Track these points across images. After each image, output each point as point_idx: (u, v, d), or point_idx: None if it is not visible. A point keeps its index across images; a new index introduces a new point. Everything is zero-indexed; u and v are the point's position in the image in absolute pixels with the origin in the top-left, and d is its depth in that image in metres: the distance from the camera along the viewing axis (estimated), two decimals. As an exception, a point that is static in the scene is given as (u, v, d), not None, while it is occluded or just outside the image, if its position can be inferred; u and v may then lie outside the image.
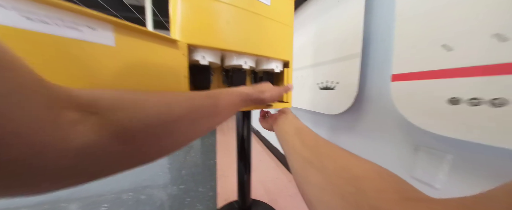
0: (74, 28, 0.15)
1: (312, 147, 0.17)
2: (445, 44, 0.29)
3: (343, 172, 0.13)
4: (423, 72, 0.32)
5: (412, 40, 0.34)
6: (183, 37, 0.28)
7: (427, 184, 0.35)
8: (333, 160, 0.15)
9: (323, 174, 0.14)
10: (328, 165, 0.14)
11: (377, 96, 0.44)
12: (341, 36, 0.51)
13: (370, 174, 0.12)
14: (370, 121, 0.47)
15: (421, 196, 0.10)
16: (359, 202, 0.10)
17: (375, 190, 0.11)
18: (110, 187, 0.82)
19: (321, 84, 0.59)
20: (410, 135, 0.38)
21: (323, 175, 0.14)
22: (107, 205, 0.70)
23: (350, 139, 0.54)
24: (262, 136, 1.44)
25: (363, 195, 0.11)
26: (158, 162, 1.09)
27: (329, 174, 0.13)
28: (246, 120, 0.48)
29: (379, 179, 0.12)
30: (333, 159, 0.15)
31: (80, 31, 0.16)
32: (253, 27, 0.35)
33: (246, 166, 0.51)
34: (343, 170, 0.13)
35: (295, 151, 0.19)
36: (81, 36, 0.16)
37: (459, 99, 0.27)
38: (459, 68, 0.28)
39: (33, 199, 0.73)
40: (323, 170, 0.14)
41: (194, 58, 0.30)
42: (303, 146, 0.18)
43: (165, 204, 0.70)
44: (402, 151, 0.39)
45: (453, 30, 0.28)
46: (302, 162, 0.17)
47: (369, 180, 0.12)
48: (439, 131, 0.30)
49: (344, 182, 0.12)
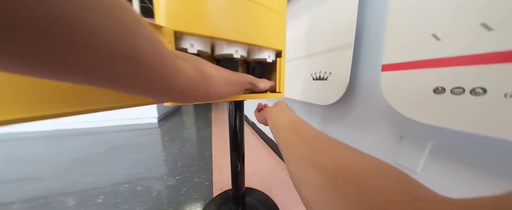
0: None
1: (309, 143, 0.16)
2: (434, 33, 0.29)
3: (343, 170, 0.12)
4: (411, 62, 0.32)
5: (403, 30, 0.34)
6: (168, 23, 0.26)
7: (408, 169, 0.38)
8: (332, 156, 0.14)
9: (321, 172, 0.13)
10: (326, 163, 0.13)
11: (367, 86, 0.45)
12: (335, 26, 0.50)
13: (373, 171, 0.11)
14: (360, 111, 0.48)
15: (431, 195, 0.09)
16: (362, 205, 0.09)
17: (380, 191, 0.10)
18: (105, 179, 0.82)
19: (314, 75, 0.59)
20: (397, 124, 0.39)
21: (322, 174, 0.13)
22: (103, 197, 0.70)
23: (340, 129, 0.55)
24: (257, 127, 1.46)
25: (367, 198, 0.10)
26: (152, 154, 1.09)
27: (328, 173, 0.12)
28: (238, 112, 0.48)
29: (384, 178, 0.10)
30: (330, 154, 0.14)
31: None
32: (245, 14, 0.33)
33: (239, 156, 0.52)
34: (343, 168, 0.12)
35: (290, 147, 0.18)
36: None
37: (444, 88, 0.28)
38: (446, 57, 0.28)
39: (28, 193, 0.73)
40: (321, 168, 0.13)
41: (182, 46, 0.29)
42: (300, 141, 0.17)
43: (161, 194, 0.72)
44: (388, 140, 0.41)
45: (442, 20, 0.28)
46: (298, 160, 0.15)
47: (372, 179, 0.10)
48: (423, 120, 0.31)
49: (345, 182, 0.11)
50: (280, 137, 0.21)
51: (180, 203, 0.67)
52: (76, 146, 1.26)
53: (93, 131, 1.60)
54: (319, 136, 0.17)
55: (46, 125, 1.67)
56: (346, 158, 0.13)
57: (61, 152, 1.14)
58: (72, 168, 0.93)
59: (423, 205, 0.08)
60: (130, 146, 1.25)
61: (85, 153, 1.12)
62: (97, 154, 1.11)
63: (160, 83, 0.14)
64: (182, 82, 0.16)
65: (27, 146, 1.28)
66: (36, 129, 1.64)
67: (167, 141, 1.35)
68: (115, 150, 1.16)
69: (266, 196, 0.69)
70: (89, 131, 1.61)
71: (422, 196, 0.09)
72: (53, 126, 1.68)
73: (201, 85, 0.19)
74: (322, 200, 0.11)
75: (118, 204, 0.66)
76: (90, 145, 1.27)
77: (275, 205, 0.64)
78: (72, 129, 1.69)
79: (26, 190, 0.74)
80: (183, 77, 0.16)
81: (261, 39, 0.37)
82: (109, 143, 1.31)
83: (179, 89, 0.16)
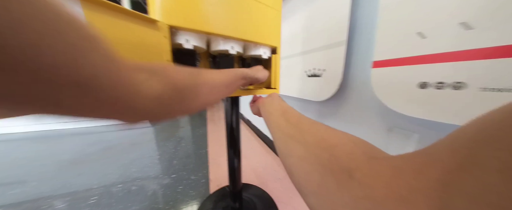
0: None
1: (296, 125, 0.19)
2: (420, 32, 0.31)
3: (321, 142, 0.14)
4: (399, 59, 0.34)
5: (392, 28, 0.35)
6: (164, 17, 0.26)
7: (397, 160, 0.40)
8: (313, 133, 0.16)
9: (304, 146, 0.15)
10: (308, 138, 0.15)
11: (359, 82, 0.47)
12: (329, 23, 0.51)
13: (344, 141, 0.13)
14: (352, 106, 0.50)
15: (384, 155, 0.11)
16: (332, 165, 0.12)
17: (346, 153, 0.12)
18: (98, 180, 0.80)
19: (309, 71, 0.61)
20: (385, 118, 0.41)
21: (304, 147, 0.15)
22: (96, 198, 0.68)
23: (334, 123, 0.57)
24: (253, 125, 1.47)
25: (336, 159, 0.12)
26: (147, 154, 1.07)
27: (309, 145, 0.15)
28: (235, 108, 0.48)
29: (351, 145, 0.13)
30: (313, 133, 0.16)
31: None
32: (241, 10, 0.34)
33: (236, 152, 0.52)
34: (321, 141, 0.14)
35: (279, 129, 0.20)
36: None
37: (427, 83, 0.30)
38: (430, 54, 0.30)
39: (12, 197, 0.69)
40: (304, 143, 0.15)
41: (177, 42, 0.29)
42: (287, 124, 0.20)
43: (157, 193, 0.71)
44: (377, 133, 0.43)
45: (428, 18, 0.30)
46: (285, 138, 0.18)
47: (342, 146, 0.13)
48: (409, 113, 0.33)
49: (321, 151, 0.13)
50: (271, 121, 0.23)
51: (177, 200, 0.67)
52: (65, 147, 1.21)
53: (83, 132, 1.54)
54: (305, 119, 0.19)
55: (31, 126, 1.59)
56: (324, 133, 0.15)
57: (49, 153, 1.10)
58: (61, 170, 0.90)
59: (376, 161, 0.11)
60: (123, 146, 1.22)
61: (75, 154, 1.08)
62: (88, 154, 1.07)
63: (117, 105, 0.12)
64: (145, 100, 0.13)
65: (11, 148, 1.21)
66: (21, 130, 1.56)
67: (161, 140, 1.33)
68: (107, 151, 1.13)
69: (262, 191, 0.70)
70: (79, 132, 1.55)
71: (377, 156, 0.11)
72: (39, 127, 1.60)
73: (173, 100, 0.16)
74: (303, 167, 0.14)
75: (112, 204, 0.65)
76: (80, 146, 1.22)
77: (271, 199, 0.66)
78: (60, 129, 1.62)
79: (11, 194, 0.71)
80: (146, 95, 0.13)
81: (256, 36, 0.37)
82: (101, 143, 1.27)
83: (144, 108, 0.14)
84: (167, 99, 0.15)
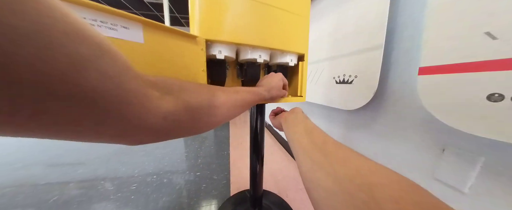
0: (112, 28, 0.17)
1: (322, 147, 0.17)
2: (488, 31, 0.25)
3: (356, 177, 0.12)
4: (457, 64, 0.29)
5: (448, 28, 0.30)
6: (201, 33, 0.29)
7: (452, 187, 0.33)
8: (345, 163, 0.14)
9: (333, 178, 0.13)
10: (339, 169, 0.13)
11: (400, 91, 0.41)
12: (362, 26, 0.47)
13: (386, 181, 0.11)
14: (390, 118, 0.44)
15: (444, 208, 0.09)
16: None
17: (391, 200, 0.10)
18: (137, 170, 0.93)
19: (338, 78, 0.57)
20: (437, 135, 0.35)
21: (333, 179, 0.13)
22: (135, 185, 0.79)
23: (365, 136, 0.51)
24: (274, 130, 1.45)
25: (377, 206, 0.10)
26: (176, 150, 1.18)
27: (340, 178, 0.13)
28: (260, 115, 0.49)
29: (396, 188, 0.10)
30: (344, 162, 0.14)
31: (117, 31, 0.18)
32: (268, 20, 0.35)
33: (259, 157, 0.52)
34: (356, 175, 0.12)
35: (304, 151, 0.18)
36: (118, 35, 0.18)
37: (502, 95, 0.24)
38: (505, 59, 0.24)
39: (81, 176, 0.87)
40: (333, 174, 0.13)
41: (211, 53, 0.32)
42: (312, 145, 0.18)
43: (183, 188, 0.77)
44: (425, 151, 0.37)
45: (500, 15, 0.24)
46: (311, 164, 0.16)
47: (384, 188, 0.11)
48: (473, 131, 0.27)
49: (357, 189, 0.11)
50: (294, 140, 0.22)
51: (200, 198, 0.71)
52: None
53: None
54: (330, 141, 0.18)
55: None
56: (358, 165, 0.13)
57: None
58: (110, 158, 1.08)
59: None
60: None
61: (120, 145, 1.28)
62: (129, 146, 1.26)
63: (119, 125, 0.11)
64: (155, 118, 0.13)
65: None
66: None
67: (188, 138, 1.44)
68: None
69: (282, 199, 0.68)
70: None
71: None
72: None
73: (185, 120, 0.16)
74: (332, 204, 0.12)
75: (148, 193, 0.74)
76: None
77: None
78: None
79: (77, 173, 0.89)
80: (156, 113, 0.13)
81: (284, 44, 0.38)
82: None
83: (152, 126, 0.13)
84: (178, 118, 0.15)
